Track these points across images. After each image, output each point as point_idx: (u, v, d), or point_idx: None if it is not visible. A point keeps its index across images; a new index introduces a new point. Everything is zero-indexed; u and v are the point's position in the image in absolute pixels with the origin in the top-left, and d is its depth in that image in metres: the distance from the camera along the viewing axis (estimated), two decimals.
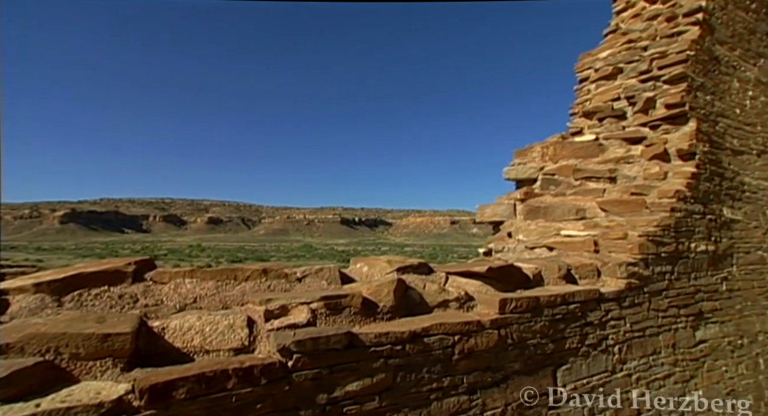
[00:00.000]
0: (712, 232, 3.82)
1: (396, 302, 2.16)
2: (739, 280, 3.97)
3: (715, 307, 3.68)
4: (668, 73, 4.15)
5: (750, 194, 4.39)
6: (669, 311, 3.31)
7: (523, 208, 4.08)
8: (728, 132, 4.37)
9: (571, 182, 4.07)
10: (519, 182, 4.48)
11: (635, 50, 4.60)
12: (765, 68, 5.02)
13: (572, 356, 2.63)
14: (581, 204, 3.85)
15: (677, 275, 3.42)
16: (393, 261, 2.59)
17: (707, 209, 3.82)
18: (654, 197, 3.60)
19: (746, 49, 4.81)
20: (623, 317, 2.97)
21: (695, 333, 3.47)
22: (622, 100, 4.44)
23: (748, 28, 4.83)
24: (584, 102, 4.76)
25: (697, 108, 4.07)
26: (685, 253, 3.52)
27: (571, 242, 3.50)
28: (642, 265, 3.16)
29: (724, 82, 4.49)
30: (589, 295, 2.75)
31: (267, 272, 2.28)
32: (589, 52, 5.06)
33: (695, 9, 4.38)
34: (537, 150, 4.41)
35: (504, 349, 2.30)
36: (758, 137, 4.70)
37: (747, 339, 3.85)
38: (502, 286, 2.57)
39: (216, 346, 1.67)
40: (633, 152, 4.11)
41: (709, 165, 3.97)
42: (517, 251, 3.92)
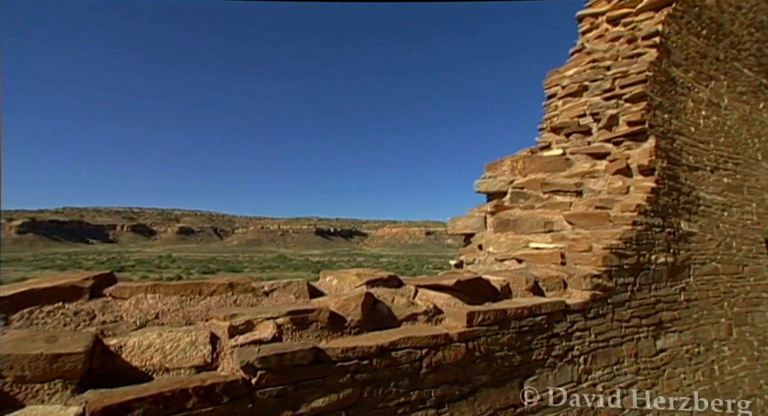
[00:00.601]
0: (671, 244, 3.98)
1: (364, 316, 2.15)
2: (695, 290, 4.14)
3: (674, 317, 3.82)
4: (629, 92, 4.35)
5: (705, 208, 4.60)
6: (631, 321, 3.41)
7: (494, 220, 4.16)
8: (684, 149, 4.59)
9: (540, 195, 4.18)
10: (490, 195, 4.57)
11: (599, 69, 4.80)
12: (716, 90, 5.32)
13: (539, 367, 2.67)
14: (549, 217, 3.95)
15: (639, 287, 3.54)
16: (362, 274, 2.59)
17: (666, 222, 3.99)
18: (617, 211, 3.73)
19: (699, 72, 5.09)
20: (588, 328, 3.05)
21: (656, 342, 3.59)
22: (588, 116, 4.62)
23: (700, 52, 5.12)
24: (552, 118, 4.92)
25: (656, 126, 4.27)
26: (646, 265, 3.65)
27: (539, 254, 3.58)
28: (606, 277, 3.26)
29: (680, 102, 4.73)
30: (555, 307, 2.82)
31: (233, 287, 2.24)
32: (556, 70, 5.25)
33: (653, 33, 4.62)
34: (507, 164, 4.51)
35: (472, 362, 2.32)
36: (711, 154, 4.95)
37: (703, 346, 4.01)
38: (470, 299, 2.60)
39: (177, 364, 1.62)
40: (598, 166, 4.26)
41: (667, 180, 4.16)
42: (488, 263, 3.97)
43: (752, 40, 6.06)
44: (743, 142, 5.58)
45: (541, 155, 4.46)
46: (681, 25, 4.94)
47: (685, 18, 5.00)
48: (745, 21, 5.95)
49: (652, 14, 4.97)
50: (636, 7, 5.12)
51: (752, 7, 6.10)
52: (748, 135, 5.70)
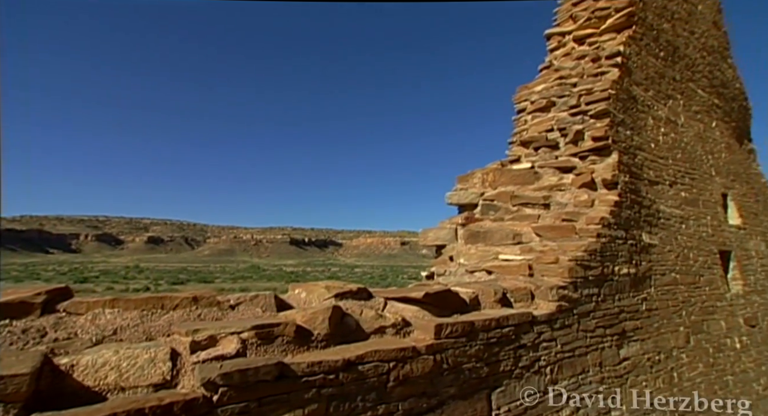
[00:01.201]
0: (633, 256, 4.13)
1: (331, 329, 2.13)
2: (656, 300, 4.29)
3: (637, 326, 3.95)
4: (594, 109, 4.52)
5: (664, 221, 4.80)
6: (596, 331, 3.50)
7: (464, 232, 4.21)
8: (645, 164, 4.80)
9: (509, 207, 4.27)
10: (461, 207, 4.63)
11: (566, 86, 4.98)
12: (673, 109, 5.60)
13: (506, 378, 2.70)
14: (518, 229, 4.04)
15: (603, 297, 3.64)
16: (331, 287, 2.57)
17: (629, 234, 4.14)
18: (583, 224, 3.85)
19: (658, 91, 5.35)
20: (555, 338, 3.11)
21: (619, 351, 3.69)
22: (555, 131, 4.77)
23: (659, 73, 5.39)
24: (522, 132, 5.05)
25: (619, 141, 4.45)
26: (610, 276, 3.77)
27: (508, 266, 3.64)
28: (572, 288, 3.34)
29: (641, 119, 4.95)
30: (523, 318, 2.86)
31: (198, 300, 2.18)
32: (526, 86, 5.41)
33: (615, 53, 4.84)
34: (478, 176, 4.60)
35: (439, 374, 2.32)
36: (670, 169, 5.19)
37: (663, 354, 4.15)
38: (439, 311, 2.61)
39: (134, 382, 1.56)
40: (565, 180, 4.40)
41: (629, 194, 4.33)
42: (458, 275, 4.01)
43: (705, 63, 6.42)
44: (698, 158, 5.87)
45: (510, 168, 4.57)
46: (641, 47, 5.20)
47: (644, 40, 5.26)
48: (698, 45, 6.31)
49: (614, 35, 5.21)
50: (600, 28, 5.35)
51: (704, 32, 6.48)
52: (703, 152, 6.01)
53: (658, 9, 5.57)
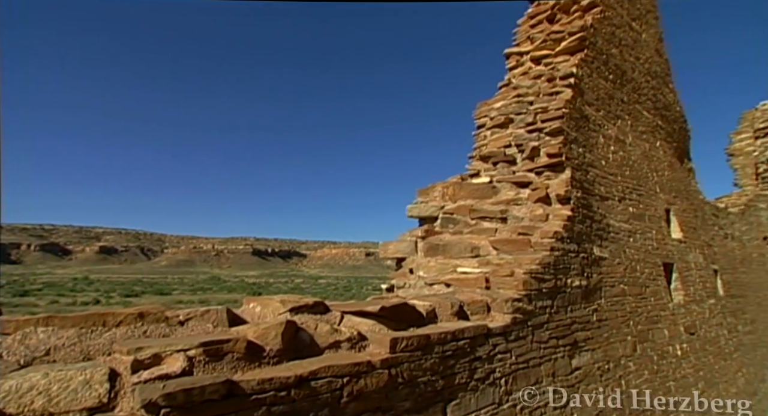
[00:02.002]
0: (585, 268, 4.30)
1: (284, 345, 2.09)
2: (606, 311, 4.48)
3: (588, 336, 4.10)
4: (549, 127, 4.71)
5: (614, 235, 5.04)
6: (549, 342, 3.60)
7: (424, 245, 4.26)
8: (596, 180, 5.04)
9: (468, 221, 4.36)
10: (421, 220, 4.69)
11: (523, 103, 5.17)
12: (622, 128, 5.93)
13: (462, 391, 2.72)
14: (476, 242, 4.12)
15: (556, 309, 3.76)
16: (287, 301, 2.52)
17: (581, 248, 4.31)
18: (538, 237, 3.97)
19: (608, 111, 5.65)
20: (509, 350, 3.17)
21: (571, 361, 3.81)
22: (513, 147, 4.93)
23: (608, 94, 5.70)
24: (481, 147, 5.20)
25: (572, 158, 4.66)
26: (563, 288, 3.90)
27: (466, 278, 3.70)
28: (526, 300, 3.43)
29: (592, 138, 5.21)
30: (478, 331, 2.91)
31: (144, 316, 2.09)
32: (485, 102, 5.58)
33: (569, 74, 5.09)
34: (438, 190, 4.68)
35: (394, 388, 2.31)
36: (619, 186, 5.47)
37: (612, 363, 4.32)
38: (395, 325, 2.61)
39: (65, 407, 1.46)
40: (522, 194, 4.54)
41: (582, 209, 4.52)
42: (418, 288, 4.04)
43: (649, 87, 6.86)
44: (644, 175, 6.23)
45: (470, 182, 4.68)
46: (592, 69, 5.50)
47: (595, 63, 5.57)
48: (643, 70, 6.74)
49: (568, 57, 5.49)
50: (555, 49, 5.62)
51: (648, 58, 6.94)
52: (649, 169, 6.38)
53: (607, 35, 5.92)
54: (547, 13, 6.04)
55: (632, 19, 6.76)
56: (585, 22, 5.59)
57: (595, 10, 5.76)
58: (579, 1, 5.84)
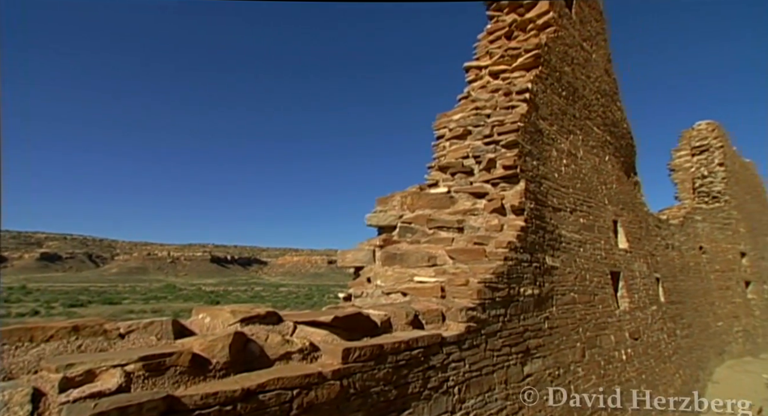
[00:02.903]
0: (537, 278, 4.44)
1: (232, 357, 2.02)
2: (557, 318, 4.64)
3: (540, 343, 4.22)
4: (505, 139, 4.86)
5: (566, 245, 5.25)
6: (502, 350, 3.68)
7: (382, 254, 4.27)
8: (550, 192, 5.24)
9: (426, 230, 4.41)
10: (380, 229, 4.70)
11: (481, 116, 5.32)
12: (574, 143, 6.21)
13: (415, 400, 2.73)
14: (433, 252, 4.17)
15: (509, 317, 3.85)
16: (238, 311, 2.45)
17: (533, 257, 4.45)
18: (492, 247, 4.07)
19: (561, 126, 5.91)
20: (463, 358, 3.21)
21: (523, 368, 3.91)
22: (471, 158, 5.05)
23: (561, 110, 5.97)
24: (440, 157, 5.29)
25: (526, 170, 4.82)
26: (516, 297, 4.01)
27: (422, 288, 3.74)
28: (480, 309, 3.49)
29: (546, 151, 5.42)
30: (432, 340, 2.93)
31: (79, 330, 1.96)
32: (445, 113, 5.70)
33: (524, 89, 5.28)
34: (397, 199, 4.71)
35: (346, 400, 2.29)
36: (571, 197, 5.71)
37: (562, 369, 4.47)
38: (349, 335, 2.59)
39: None
40: (478, 205, 4.65)
41: (535, 220, 4.68)
42: (375, 297, 4.04)
43: (599, 104, 7.24)
44: (594, 188, 6.54)
45: (428, 192, 4.74)
46: (546, 86, 5.74)
47: (549, 80, 5.82)
48: (593, 88, 7.11)
49: (524, 73, 5.71)
50: (512, 65, 5.84)
51: (598, 77, 7.33)
52: (598, 182, 6.71)
53: (560, 54, 6.21)
54: (505, 29, 6.28)
55: (583, 40, 7.12)
56: (540, 40, 5.84)
57: (550, 29, 6.04)
58: (535, 20, 6.11)
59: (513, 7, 6.33)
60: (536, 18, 6.11)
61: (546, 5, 6.11)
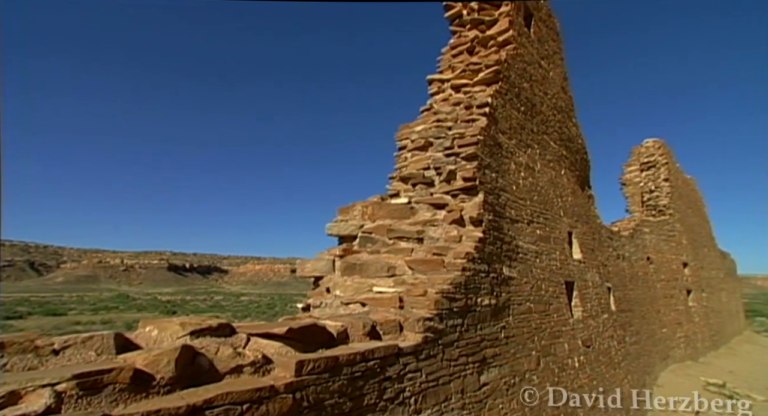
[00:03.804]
0: (494, 288, 4.54)
1: (178, 372, 1.94)
2: (514, 328, 4.74)
3: (496, 353, 4.30)
4: (465, 152, 4.97)
5: (522, 256, 5.40)
6: (459, 359, 3.72)
7: (342, 264, 4.24)
8: (508, 204, 5.38)
9: (386, 240, 4.43)
10: (341, 238, 4.68)
11: (442, 128, 5.42)
12: (532, 156, 6.43)
13: (370, 412, 2.71)
14: (393, 262, 4.19)
15: (466, 327, 3.91)
16: (187, 323, 2.36)
17: (491, 268, 4.55)
18: (451, 258, 4.13)
19: (519, 140, 6.11)
20: (420, 369, 3.22)
21: (480, 377, 3.96)
22: (432, 169, 5.13)
23: (520, 125, 6.18)
24: (402, 168, 5.34)
25: (485, 183, 4.94)
26: (473, 307, 4.08)
27: (381, 298, 3.73)
28: (437, 319, 3.52)
29: (505, 164, 5.58)
30: (389, 351, 2.92)
31: (6, 347, 1.83)
32: (407, 125, 5.78)
33: (484, 103, 5.44)
34: (358, 209, 4.71)
35: (299, 413, 2.24)
36: (528, 209, 5.90)
37: (518, 378, 4.56)
38: (303, 346, 2.55)
39: None
40: (438, 216, 4.71)
41: (493, 231, 4.79)
42: (334, 307, 3.99)
43: (555, 120, 7.55)
44: (551, 200, 6.78)
45: (389, 202, 4.77)
46: (505, 101, 5.93)
47: (508, 95, 6.02)
48: (551, 104, 7.42)
49: (484, 88, 5.88)
50: (473, 79, 6.00)
51: (555, 94, 7.66)
52: (554, 195, 6.97)
53: (519, 70, 6.45)
54: (468, 45, 6.46)
55: (541, 58, 7.43)
56: (500, 56, 6.04)
57: (510, 46, 6.27)
58: (495, 37, 6.32)
59: (475, 23, 6.53)
60: (497, 35, 6.32)
61: (506, 23, 6.34)
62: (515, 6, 6.57)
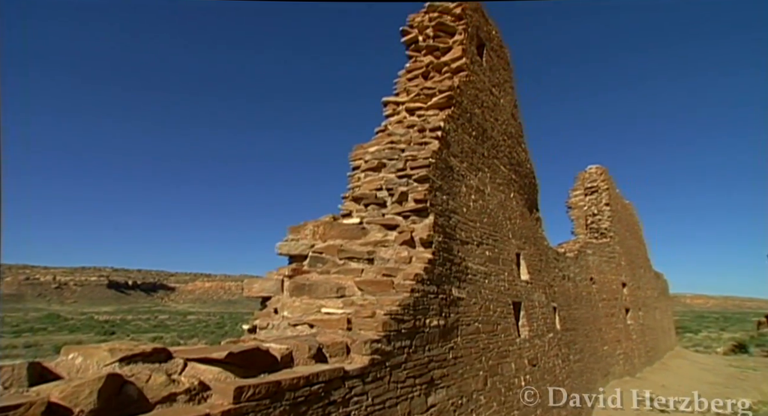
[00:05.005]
0: (443, 309, 4.60)
1: (101, 404, 1.81)
2: (462, 348, 4.81)
3: (444, 374, 4.33)
4: (417, 174, 5.07)
5: (472, 277, 5.53)
6: (407, 381, 3.71)
7: (290, 284, 4.16)
8: (458, 226, 5.52)
9: (337, 260, 4.39)
10: (291, 258, 4.59)
11: (396, 150, 5.52)
12: (482, 180, 6.66)
13: None
14: (343, 283, 4.15)
15: (414, 349, 3.92)
16: (117, 349, 2.21)
17: (440, 289, 4.61)
18: (400, 279, 4.16)
19: (470, 164, 6.33)
20: (366, 392, 3.18)
21: (427, 399, 3.97)
22: (384, 190, 5.18)
23: (471, 149, 6.41)
24: (355, 188, 5.36)
25: (436, 205, 5.04)
26: (422, 328, 4.10)
27: (329, 319, 3.68)
28: (385, 341, 3.51)
29: (456, 187, 5.74)
30: (334, 374, 2.87)
31: None
32: (361, 145, 5.84)
33: (437, 127, 5.60)
34: (310, 228, 4.66)
35: None
36: (478, 231, 6.07)
37: (465, 398, 4.61)
38: (244, 371, 2.45)
39: None
40: (389, 237, 4.74)
41: (443, 252, 4.88)
42: (281, 329, 3.89)
43: (506, 145, 7.90)
44: (500, 223, 7.02)
45: (341, 222, 4.76)
46: (458, 125, 6.14)
47: (460, 120, 6.24)
48: (501, 130, 7.76)
49: (438, 112, 6.07)
50: (427, 103, 6.18)
51: (505, 120, 8.03)
52: (504, 217, 7.22)
53: (471, 97, 6.72)
54: (423, 69, 6.68)
55: (493, 86, 7.80)
56: (454, 82, 6.28)
57: (462, 73, 6.53)
58: (449, 64, 6.58)
59: (430, 49, 6.78)
60: (451, 62, 6.58)
61: (460, 51, 6.62)
62: (468, 35, 6.89)
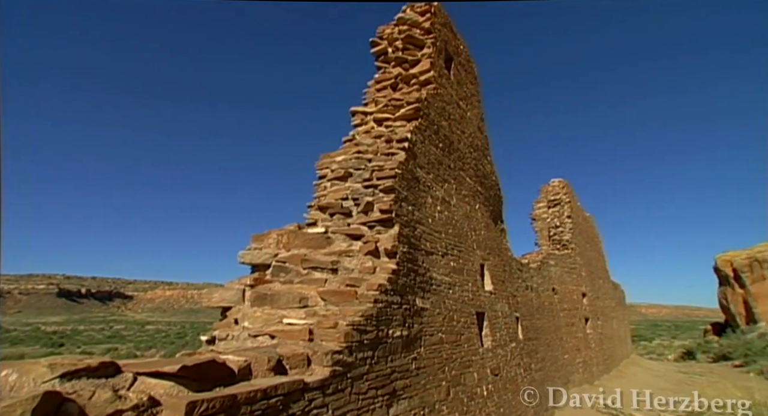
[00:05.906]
0: (407, 319, 4.61)
1: None
2: (425, 358, 4.82)
3: (406, 384, 4.33)
4: (383, 184, 5.10)
5: (436, 287, 5.57)
6: (368, 393, 3.69)
7: (252, 294, 4.07)
8: (423, 236, 5.57)
9: (300, 270, 4.34)
10: (254, 267, 4.50)
11: (363, 160, 5.53)
12: (448, 191, 6.77)
13: None
14: (306, 293, 4.10)
15: (377, 359, 3.90)
16: (58, 365, 2.09)
17: (404, 299, 4.63)
18: (364, 289, 4.14)
19: (437, 175, 6.42)
20: (326, 404, 3.13)
21: (389, 410, 3.95)
22: (350, 200, 5.17)
23: (438, 160, 6.51)
24: (321, 197, 5.33)
25: (402, 215, 5.08)
26: (385, 339, 4.09)
27: (291, 330, 3.62)
28: (347, 352, 3.48)
29: (422, 197, 5.80)
30: (293, 386, 2.82)
31: None
32: (328, 154, 5.82)
33: (404, 138, 5.66)
34: (274, 237, 4.59)
35: None
36: (443, 242, 6.15)
37: (428, 409, 4.62)
38: (199, 385, 2.37)
39: None
40: (354, 246, 4.73)
41: (407, 263, 4.90)
42: (241, 340, 3.79)
43: (472, 157, 8.07)
44: (465, 234, 7.14)
45: (306, 231, 4.71)
46: (425, 137, 6.23)
47: (427, 132, 6.34)
48: (467, 143, 7.93)
49: (405, 123, 6.14)
50: (395, 114, 6.25)
51: (471, 133, 8.22)
52: (469, 228, 7.35)
53: (438, 109, 6.84)
54: (392, 81, 6.75)
55: (460, 99, 7.97)
56: (421, 94, 6.38)
57: (430, 86, 6.65)
58: (417, 76, 6.68)
59: (399, 61, 6.87)
60: (419, 74, 6.69)
61: (428, 64, 6.74)
62: (437, 49, 7.03)
